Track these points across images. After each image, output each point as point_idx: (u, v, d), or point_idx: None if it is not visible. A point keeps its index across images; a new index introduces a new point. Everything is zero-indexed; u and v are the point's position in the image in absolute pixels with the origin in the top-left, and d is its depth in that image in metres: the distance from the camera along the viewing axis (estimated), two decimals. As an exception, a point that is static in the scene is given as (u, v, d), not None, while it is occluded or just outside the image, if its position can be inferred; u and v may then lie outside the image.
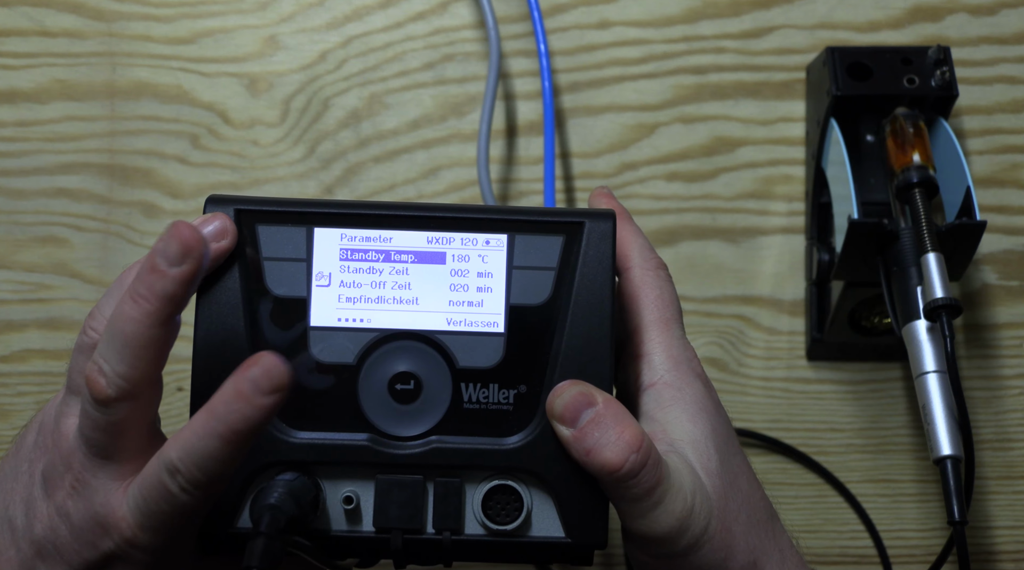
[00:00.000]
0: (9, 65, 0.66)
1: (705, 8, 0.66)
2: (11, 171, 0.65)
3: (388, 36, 0.66)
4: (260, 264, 0.41)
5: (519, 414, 0.41)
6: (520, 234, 0.42)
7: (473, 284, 0.42)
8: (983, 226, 0.57)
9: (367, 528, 0.41)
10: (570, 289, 0.41)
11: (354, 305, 0.42)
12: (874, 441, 0.66)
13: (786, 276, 0.66)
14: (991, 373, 0.66)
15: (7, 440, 0.65)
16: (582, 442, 0.39)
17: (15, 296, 0.65)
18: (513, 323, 0.42)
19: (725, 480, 0.42)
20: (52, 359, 0.65)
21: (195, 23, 0.66)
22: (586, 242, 0.42)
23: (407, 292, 0.42)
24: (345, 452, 0.41)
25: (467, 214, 0.42)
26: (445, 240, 0.42)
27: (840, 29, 0.66)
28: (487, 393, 0.41)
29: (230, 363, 0.40)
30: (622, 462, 0.39)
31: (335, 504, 0.41)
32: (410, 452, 0.41)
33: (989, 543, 0.65)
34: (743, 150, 0.66)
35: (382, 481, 0.41)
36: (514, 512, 0.41)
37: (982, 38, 0.66)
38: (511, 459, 0.41)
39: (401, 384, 0.41)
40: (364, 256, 0.42)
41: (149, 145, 0.66)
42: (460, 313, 0.42)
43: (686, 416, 0.42)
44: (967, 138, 0.66)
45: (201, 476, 0.37)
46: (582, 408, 0.40)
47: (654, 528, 0.40)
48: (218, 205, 0.41)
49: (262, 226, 0.41)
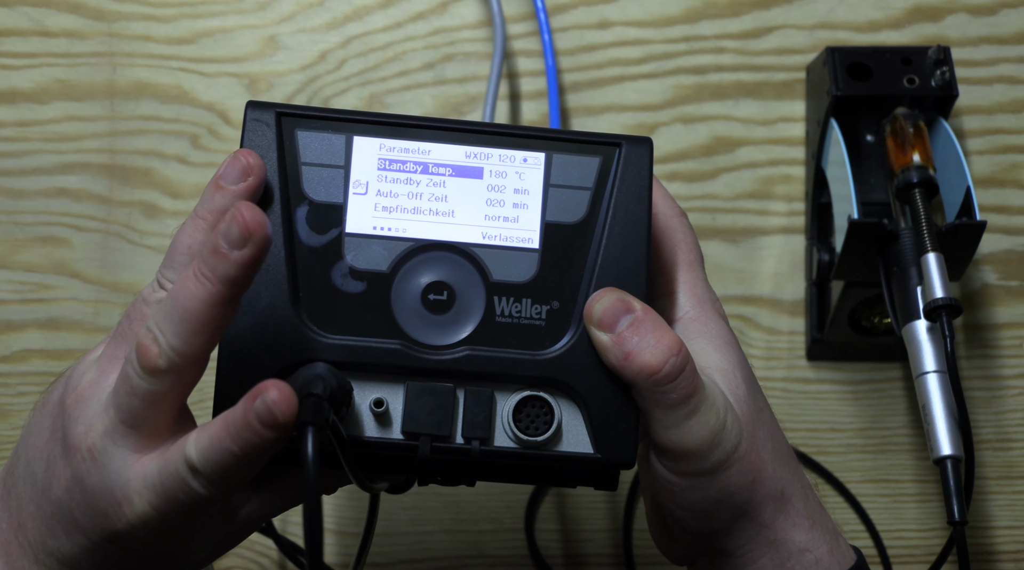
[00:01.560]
0: (9, 65, 0.66)
1: (705, 8, 0.66)
2: (11, 171, 0.65)
3: (388, 36, 0.66)
4: (299, 169, 0.42)
5: (551, 329, 0.41)
6: (558, 153, 0.42)
7: (509, 200, 0.42)
8: (983, 226, 0.57)
9: (395, 434, 0.41)
10: (606, 209, 0.42)
11: (390, 214, 0.42)
12: (874, 441, 0.66)
13: (786, 276, 0.66)
14: (991, 373, 0.66)
15: (7, 440, 0.65)
16: (621, 346, 0.40)
17: (15, 296, 0.65)
18: (548, 240, 0.42)
19: (752, 408, 0.43)
20: (52, 359, 0.65)
21: (195, 23, 0.66)
22: (623, 164, 0.42)
23: (443, 204, 0.42)
24: (377, 354, 0.41)
25: (507, 131, 0.42)
26: (483, 155, 0.42)
27: (840, 29, 0.66)
28: (520, 307, 0.42)
29: (266, 261, 0.39)
30: (662, 364, 0.39)
31: (364, 409, 0.41)
32: (442, 358, 0.41)
33: (989, 543, 0.65)
34: (743, 150, 0.66)
35: (412, 387, 0.41)
36: (544, 424, 0.41)
37: (982, 38, 0.66)
38: (544, 369, 0.41)
39: (434, 294, 0.42)
40: (402, 167, 0.42)
41: (149, 145, 0.66)
42: (495, 228, 0.42)
43: (713, 347, 0.43)
44: (967, 138, 0.66)
45: (219, 478, 0.37)
46: (621, 313, 0.40)
47: (686, 439, 0.40)
48: (259, 110, 0.42)
49: (302, 131, 0.42)
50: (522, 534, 0.65)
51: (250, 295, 0.40)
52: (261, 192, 0.41)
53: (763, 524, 0.42)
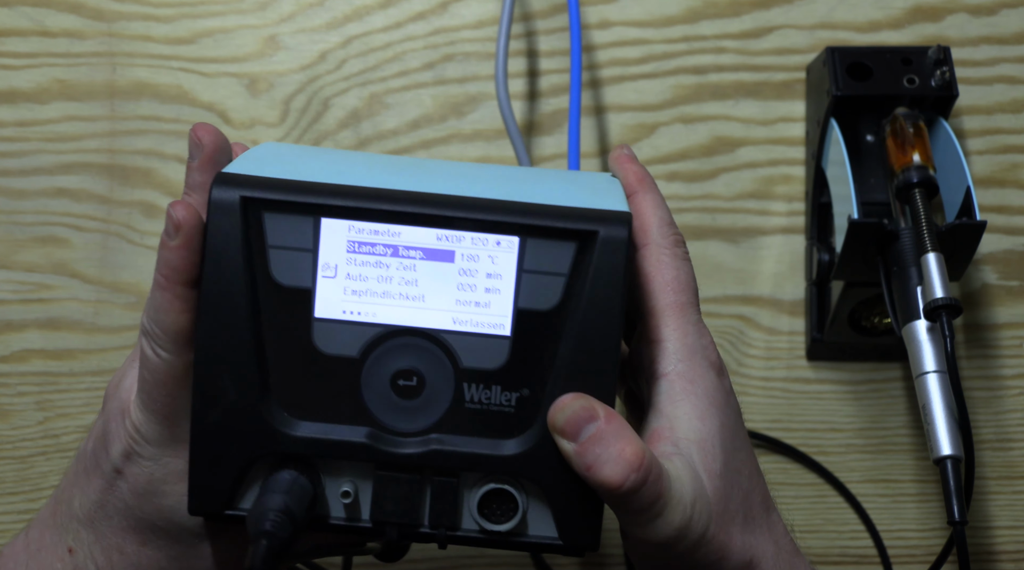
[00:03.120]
0: (9, 65, 0.66)
1: (705, 8, 0.66)
2: (11, 171, 0.65)
3: (388, 36, 0.66)
4: (266, 252, 0.41)
5: (520, 417, 0.41)
6: (532, 238, 0.41)
7: (481, 284, 0.41)
8: (983, 226, 0.57)
9: (364, 520, 0.42)
10: (580, 298, 0.40)
11: (360, 298, 0.41)
12: (874, 441, 0.66)
13: (786, 276, 0.66)
14: (991, 373, 0.66)
15: (7, 440, 0.65)
16: (583, 457, 0.39)
17: (15, 296, 0.65)
18: (520, 327, 0.41)
19: (727, 481, 0.42)
20: (52, 359, 0.65)
21: (195, 23, 0.66)
22: (599, 252, 0.40)
23: (414, 288, 0.41)
24: (345, 448, 0.41)
25: (479, 214, 0.41)
26: (455, 238, 0.41)
27: (840, 29, 0.66)
28: (489, 394, 0.41)
29: (231, 352, 0.40)
30: (622, 480, 0.39)
31: (334, 495, 0.42)
32: (409, 452, 0.41)
33: (989, 543, 0.65)
34: (743, 150, 0.66)
35: (380, 477, 0.41)
36: (509, 513, 0.41)
37: (982, 38, 0.66)
38: (509, 465, 0.41)
39: (404, 380, 0.41)
40: (372, 249, 0.41)
41: (149, 145, 0.66)
42: (467, 313, 0.41)
43: (696, 413, 0.42)
44: (967, 138, 0.66)
45: (159, 331, 0.40)
46: (584, 423, 0.39)
47: (652, 536, 0.40)
48: (225, 187, 0.40)
49: (269, 214, 0.40)
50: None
51: (216, 387, 0.40)
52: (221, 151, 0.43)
53: None
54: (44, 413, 0.65)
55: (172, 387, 0.41)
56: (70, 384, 0.65)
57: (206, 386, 0.40)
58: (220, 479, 0.41)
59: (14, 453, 0.65)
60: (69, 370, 0.65)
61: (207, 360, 0.40)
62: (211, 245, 0.40)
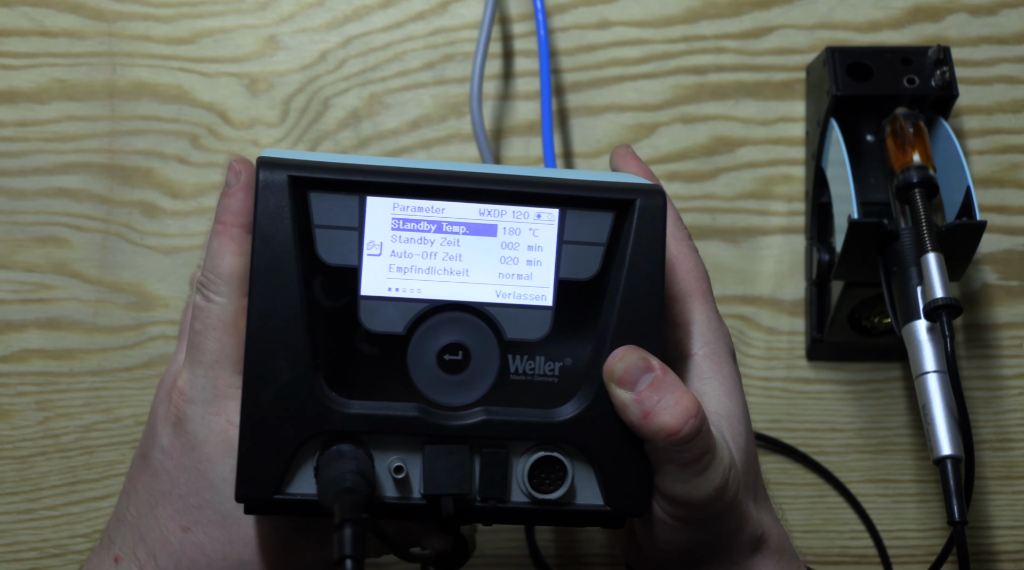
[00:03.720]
0: (9, 65, 0.66)
1: (705, 8, 0.66)
2: (11, 171, 0.65)
3: (388, 36, 0.66)
4: (312, 232, 0.41)
5: (564, 386, 0.42)
6: (572, 209, 0.42)
7: (523, 257, 0.42)
8: (983, 226, 0.57)
9: (416, 495, 0.42)
10: (620, 265, 0.41)
11: (405, 275, 0.41)
12: (874, 441, 0.66)
13: (786, 276, 0.66)
14: (991, 373, 0.66)
15: (7, 440, 0.65)
16: (641, 404, 0.40)
17: (15, 296, 0.65)
18: (561, 297, 0.42)
19: (748, 458, 0.44)
20: (52, 359, 0.65)
21: (195, 23, 0.66)
22: (637, 220, 0.41)
23: (458, 263, 0.42)
24: (395, 423, 0.41)
25: (520, 188, 0.41)
26: (497, 212, 0.42)
27: (840, 29, 0.66)
28: (534, 365, 0.42)
29: (283, 332, 0.40)
30: (681, 425, 0.40)
31: (384, 472, 0.41)
32: (459, 424, 0.41)
33: (989, 543, 0.65)
34: (743, 150, 0.66)
35: (430, 450, 0.41)
36: (558, 482, 0.42)
37: (982, 38, 0.66)
38: (557, 432, 0.41)
39: (450, 355, 0.42)
40: (416, 226, 0.41)
41: (149, 145, 0.66)
42: (509, 286, 0.42)
43: (724, 391, 0.44)
44: (967, 138, 0.66)
45: (214, 276, 0.42)
46: (641, 372, 0.40)
47: (693, 494, 0.41)
48: (272, 169, 0.40)
49: (314, 193, 0.41)
50: (522, 534, 0.65)
51: (269, 367, 0.40)
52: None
53: (735, 563, 0.44)
54: (44, 413, 0.65)
55: (221, 332, 0.43)
56: (70, 384, 0.65)
57: (257, 365, 0.40)
58: (271, 461, 0.40)
59: (14, 453, 0.65)
60: (69, 370, 0.65)
61: (257, 340, 0.40)
62: (260, 225, 0.40)
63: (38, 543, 0.65)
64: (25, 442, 0.65)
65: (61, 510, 0.65)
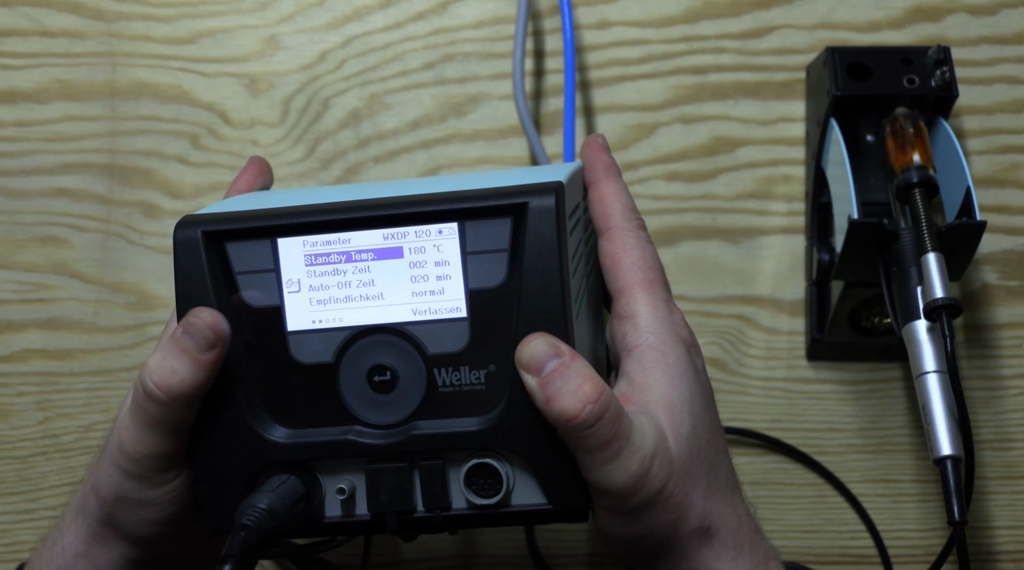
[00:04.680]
0: (9, 65, 0.66)
1: (705, 8, 0.66)
2: (11, 171, 0.65)
3: (388, 36, 0.66)
4: (234, 278, 0.43)
5: (491, 392, 0.43)
6: (469, 221, 0.43)
7: (432, 273, 0.43)
8: (983, 226, 0.57)
9: (362, 513, 0.44)
10: (522, 268, 0.42)
11: (325, 306, 0.43)
12: (874, 441, 0.66)
13: (786, 276, 0.66)
14: (991, 373, 0.66)
15: (7, 440, 0.65)
16: (544, 390, 0.41)
17: (15, 296, 0.65)
18: (475, 306, 0.43)
19: (693, 445, 0.43)
20: (52, 359, 0.65)
21: (195, 23, 0.66)
22: (530, 221, 0.42)
23: (372, 288, 0.43)
24: (332, 447, 0.43)
25: (416, 208, 0.43)
26: (400, 234, 0.43)
27: (840, 29, 0.66)
28: (459, 376, 0.43)
29: (220, 375, 0.42)
30: (578, 411, 0.40)
31: (331, 493, 0.44)
32: (392, 442, 0.43)
33: (989, 543, 0.65)
34: (743, 150, 0.66)
35: (370, 471, 0.43)
36: (496, 486, 0.43)
37: (982, 38, 0.66)
38: (485, 439, 0.42)
39: (378, 376, 0.43)
40: (327, 259, 0.43)
41: (149, 145, 0.66)
42: (424, 302, 0.43)
43: (666, 380, 0.44)
44: (967, 138, 0.66)
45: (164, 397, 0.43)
46: (547, 359, 0.41)
47: (607, 482, 0.41)
48: (186, 228, 0.43)
49: (230, 243, 0.43)
50: (522, 534, 0.65)
51: (211, 410, 0.43)
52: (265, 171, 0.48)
53: (685, 556, 0.43)
54: (44, 413, 0.65)
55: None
56: (70, 384, 0.65)
57: (201, 414, 0.43)
58: (228, 494, 0.43)
59: (14, 453, 0.65)
60: (69, 370, 0.65)
61: None
62: (181, 282, 0.43)
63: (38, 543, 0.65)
64: (25, 442, 0.65)
65: (61, 510, 0.65)
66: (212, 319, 0.42)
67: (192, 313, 0.42)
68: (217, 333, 0.42)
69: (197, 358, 0.41)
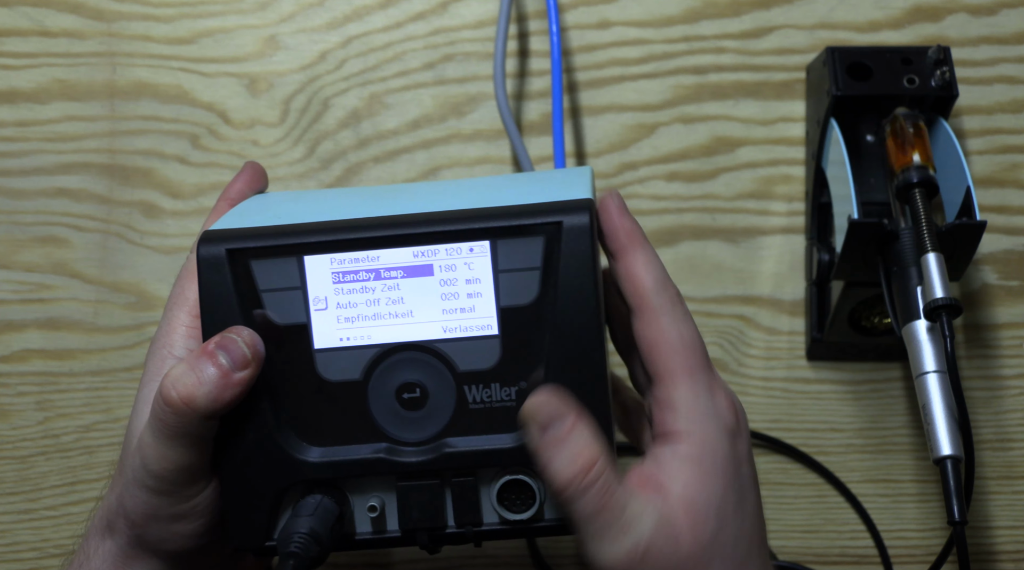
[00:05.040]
0: (9, 65, 0.66)
1: (705, 8, 0.66)
2: (11, 171, 0.65)
3: (388, 36, 0.66)
4: (259, 296, 0.43)
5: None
6: (501, 239, 0.42)
7: (463, 291, 0.42)
8: (983, 226, 0.57)
9: (394, 529, 0.44)
10: (556, 287, 0.42)
11: (353, 324, 0.43)
12: (874, 441, 0.66)
13: (786, 276, 0.66)
14: (991, 373, 0.66)
15: (7, 440, 0.65)
16: (542, 453, 0.40)
17: (15, 296, 0.65)
18: (506, 324, 0.42)
19: (713, 551, 0.41)
20: (52, 359, 0.65)
21: (195, 23, 0.66)
22: (566, 240, 0.42)
23: (401, 306, 0.43)
24: (364, 466, 0.43)
25: (448, 226, 0.42)
26: (430, 252, 0.43)
27: (840, 29, 0.66)
28: (490, 392, 0.43)
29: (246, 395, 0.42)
30: (567, 482, 0.40)
31: (361, 510, 0.43)
32: (424, 459, 0.42)
33: (989, 543, 0.65)
34: (743, 150, 0.66)
35: (402, 488, 0.43)
36: (528, 501, 0.43)
37: (982, 38, 0.66)
38: (519, 456, 0.42)
39: (408, 393, 0.43)
40: (356, 277, 0.43)
41: (149, 145, 0.66)
42: (454, 320, 0.43)
43: (696, 478, 0.41)
44: (967, 138, 0.66)
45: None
46: (552, 420, 0.41)
47: (598, 558, 0.40)
48: (210, 244, 0.42)
49: (255, 261, 0.43)
50: (522, 534, 0.65)
51: (238, 430, 0.43)
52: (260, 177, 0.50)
53: None
54: (44, 413, 0.65)
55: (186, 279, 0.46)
56: (70, 384, 0.65)
57: (226, 430, 0.42)
58: (255, 513, 0.43)
59: (14, 453, 0.65)
60: (69, 370, 0.65)
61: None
62: (206, 300, 0.42)
63: (38, 543, 0.65)
64: (25, 442, 0.65)
65: (61, 510, 0.65)
66: (251, 339, 0.42)
67: (232, 330, 0.42)
68: (254, 352, 0.42)
69: (230, 375, 0.41)
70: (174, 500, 0.43)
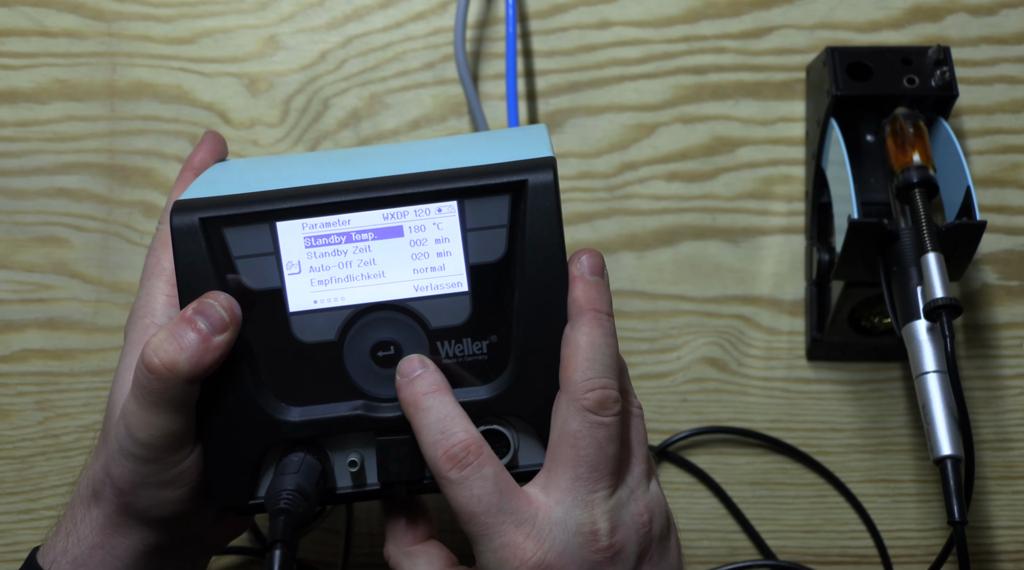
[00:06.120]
0: (9, 65, 0.66)
1: (705, 8, 0.66)
2: (11, 171, 0.65)
3: (388, 36, 0.66)
4: (233, 263, 0.44)
5: (494, 361, 0.44)
6: (468, 199, 0.43)
7: (432, 250, 0.44)
8: (983, 226, 0.57)
9: (373, 483, 0.45)
10: (523, 243, 0.43)
11: (326, 287, 0.44)
12: (874, 441, 0.66)
13: (786, 276, 0.66)
14: (991, 373, 0.66)
15: (7, 440, 0.65)
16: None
17: (15, 296, 0.65)
18: (475, 281, 0.44)
19: None
20: (52, 359, 0.65)
21: (195, 23, 0.66)
22: (531, 198, 0.43)
23: (373, 267, 0.44)
24: (343, 423, 0.44)
25: (416, 189, 0.43)
26: (400, 214, 0.44)
27: (840, 29, 0.66)
28: (462, 347, 0.44)
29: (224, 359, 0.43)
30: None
31: (341, 466, 0.45)
32: (400, 414, 0.44)
33: (989, 543, 0.65)
34: (743, 150, 0.66)
35: (381, 443, 0.44)
36: (503, 449, 0.44)
37: (982, 38, 0.66)
38: (492, 407, 0.44)
39: (382, 351, 0.44)
40: (327, 240, 0.44)
41: (149, 145, 0.66)
42: (425, 279, 0.44)
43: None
44: (967, 138, 0.66)
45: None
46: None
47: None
48: (183, 213, 0.43)
49: (228, 229, 0.43)
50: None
51: (218, 393, 0.44)
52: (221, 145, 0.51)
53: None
54: (44, 413, 0.65)
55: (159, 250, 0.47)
56: (70, 384, 0.65)
57: (207, 394, 0.43)
58: (237, 474, 0.44)
59: (14, 453, 0.65)
60: (69, 370, 0.65)
61: None
62: (182, 269, 0.43)
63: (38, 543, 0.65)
64: (25, 442, 0.65)
65: (62, 508, 0.65)
66: (228, 303, 0.43)
67: (209, 295, 0.43)
68: (232, 316, 0.42)
69: (210, 338, 0.42)
70: (160, 467, 0.43)
